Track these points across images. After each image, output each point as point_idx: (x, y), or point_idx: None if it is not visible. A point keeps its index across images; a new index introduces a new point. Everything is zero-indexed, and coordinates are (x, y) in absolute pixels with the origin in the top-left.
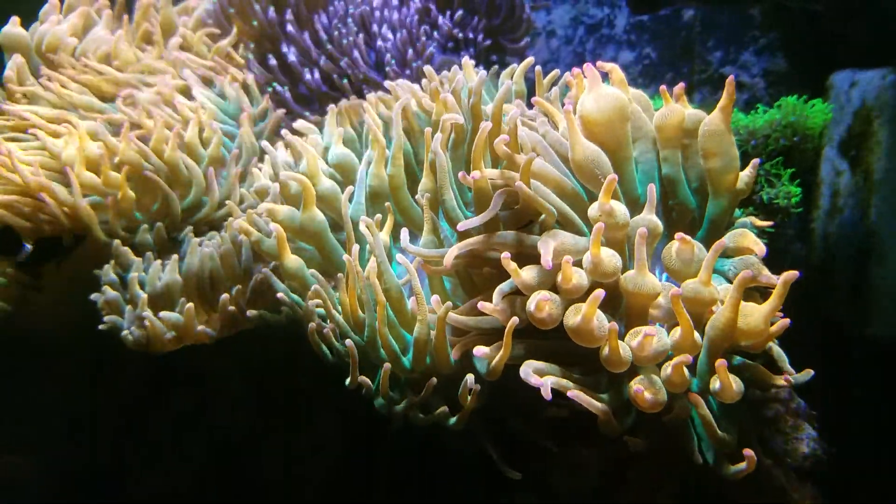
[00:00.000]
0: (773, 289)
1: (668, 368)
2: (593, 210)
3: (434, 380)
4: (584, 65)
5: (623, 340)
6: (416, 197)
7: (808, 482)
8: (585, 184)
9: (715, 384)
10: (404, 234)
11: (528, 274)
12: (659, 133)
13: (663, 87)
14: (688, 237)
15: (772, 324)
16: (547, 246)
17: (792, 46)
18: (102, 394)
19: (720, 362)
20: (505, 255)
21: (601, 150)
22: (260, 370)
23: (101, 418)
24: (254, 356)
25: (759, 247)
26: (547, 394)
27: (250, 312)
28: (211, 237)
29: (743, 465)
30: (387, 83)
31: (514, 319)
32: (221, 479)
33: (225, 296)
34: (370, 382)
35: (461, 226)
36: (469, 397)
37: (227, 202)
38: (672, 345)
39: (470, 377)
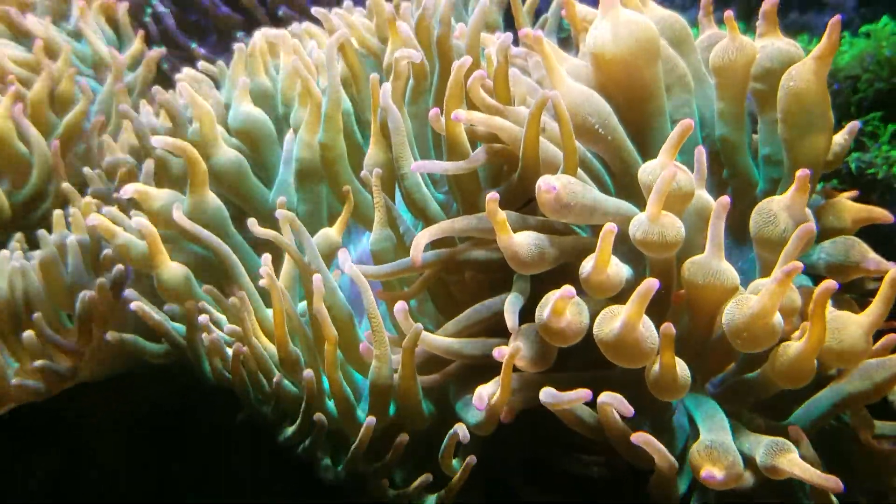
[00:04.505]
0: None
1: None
2: (648, 171)
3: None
4: None
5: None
6: (363, 174)
7: None
8: (577, 138)
9: None
10: (342, 253)
11: (524, 238)
12: (717, 77)
13: (728, 13)
14: None
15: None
16: (549, 182)
17: None
18: None
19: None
20: (493, 196)
21: (610, 94)
22: (140, 429)
23: None
24: (129, 408)
25: (879, 213)
26: (628, 410)
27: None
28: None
29: None
30: (315, 10)
31: (518, 346)
32: None
33: (28, 334)
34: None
35: (415, 166)
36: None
37: (64, 186)
38: None
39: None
